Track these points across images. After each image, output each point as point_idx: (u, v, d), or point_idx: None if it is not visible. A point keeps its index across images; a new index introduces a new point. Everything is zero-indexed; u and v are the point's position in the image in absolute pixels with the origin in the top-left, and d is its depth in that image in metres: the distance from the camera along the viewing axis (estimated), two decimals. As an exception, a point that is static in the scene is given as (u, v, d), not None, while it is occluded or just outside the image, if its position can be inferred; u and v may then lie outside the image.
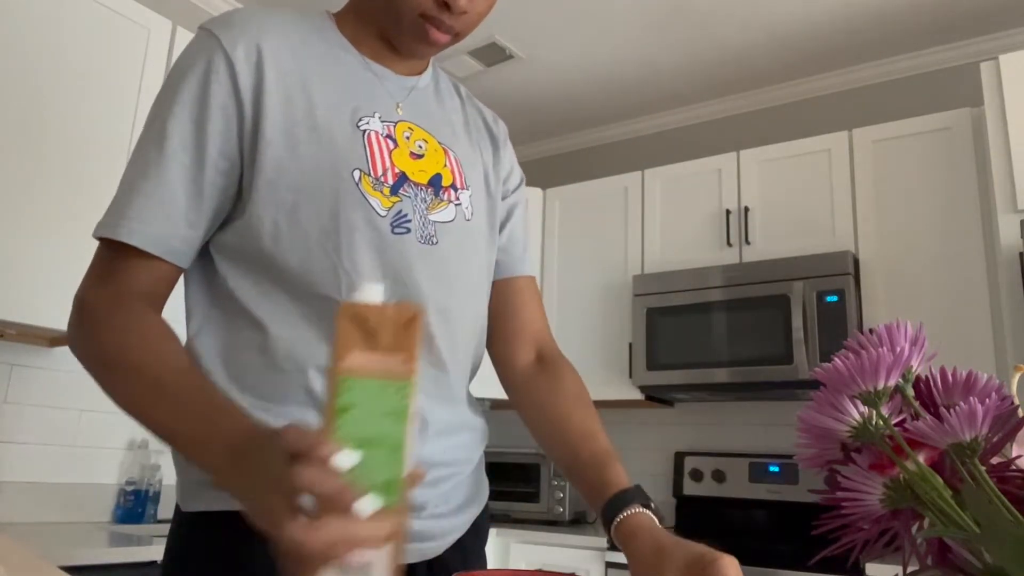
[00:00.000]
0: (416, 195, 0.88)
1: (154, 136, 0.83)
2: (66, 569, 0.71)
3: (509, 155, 1.10)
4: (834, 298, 2.56)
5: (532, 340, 1.05)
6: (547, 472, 3.07)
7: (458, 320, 0.92)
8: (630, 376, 2.98)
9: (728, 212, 2.93)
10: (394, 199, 0.86)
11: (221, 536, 0.81)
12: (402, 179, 0.88)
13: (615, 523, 0.83)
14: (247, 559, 0.79)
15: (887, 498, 0.46)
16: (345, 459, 0.52)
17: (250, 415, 0.71)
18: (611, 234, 3.23)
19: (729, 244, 2.90)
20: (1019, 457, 0.46)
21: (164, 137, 0.82)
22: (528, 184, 4.07)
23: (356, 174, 0.84)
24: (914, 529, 0.47)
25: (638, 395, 3.00)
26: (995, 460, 0.45)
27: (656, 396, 3.06)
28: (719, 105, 3.49)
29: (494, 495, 1.08)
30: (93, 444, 2.37)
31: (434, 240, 0.89)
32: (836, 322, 2.53)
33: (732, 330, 2.73)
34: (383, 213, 0.85)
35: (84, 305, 0.81)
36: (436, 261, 0.89)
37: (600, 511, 0.86)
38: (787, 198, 2.84)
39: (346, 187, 0.84)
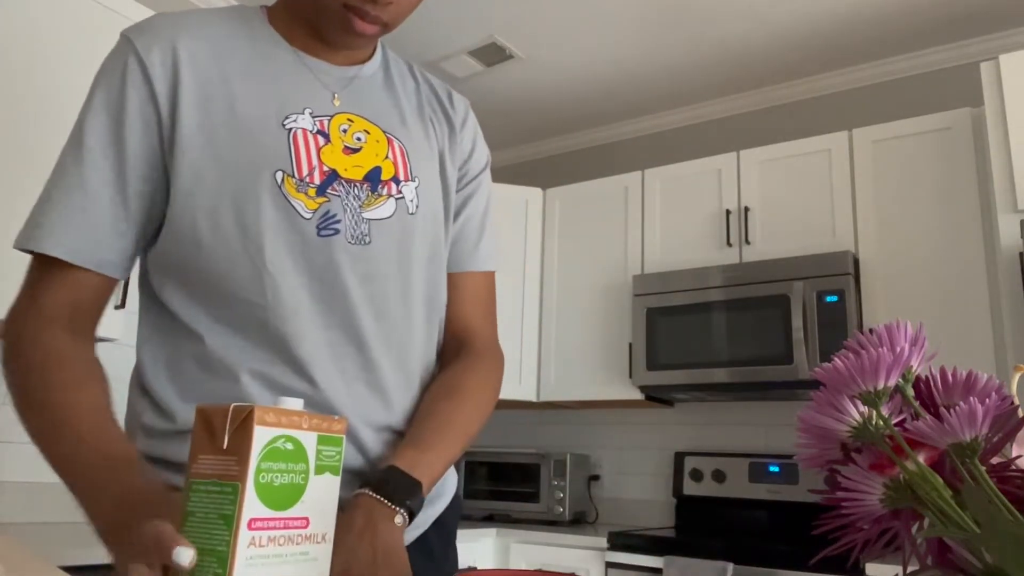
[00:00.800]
0: (348, 193, 0.85)
1: (72, 145, 0.82)
2: (66, 569, 0.71)
3: (470, 135, 1.03)
4: (834, 298, 2.56)
5: (454, 337, 0.99)
6: (547, 472, 3.07)
7: (399, 318, 0.89)
8: (630, 376, 2.98)
9: (728, 212, 2.93)
10: (321, 199, 0.83)
11: None
12: (331, 177, 0.85)
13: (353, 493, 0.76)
14: None
15: (887, 498, 0.46)
16: (183, 557, 0.52)
17: (143, 470, 0.71)
18: (611, 234, 3.23)
19: (729, 244, 2.90)
20: (1019, 457, 0.46)
21: (82, 145, 0.81)
22: (528, 184, 4.07)
23: (279, 176, 0.82)
24: (914, 529, 0.47)
25: (638, 395, 3.00)
26: (995, 460, 0.45)
27: (656, 396, 3.06)
28: (719, 105, 3.49)
29: (494, 495, 1.07)
30: (93, 444, 2.36)
31: (367, 239, 0.86)
32: (836, 322, 2.53)
33: (732, 330, 2.73)
34: (307, 215, 0.83)
35: (9, 326, 0.80)
36: (368, 261, 0.86)
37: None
38: (787, 198, 2.84)
39: (268, 190, 0.82)
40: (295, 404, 0.57)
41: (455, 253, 1.01)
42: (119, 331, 1.99)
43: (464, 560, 2.71)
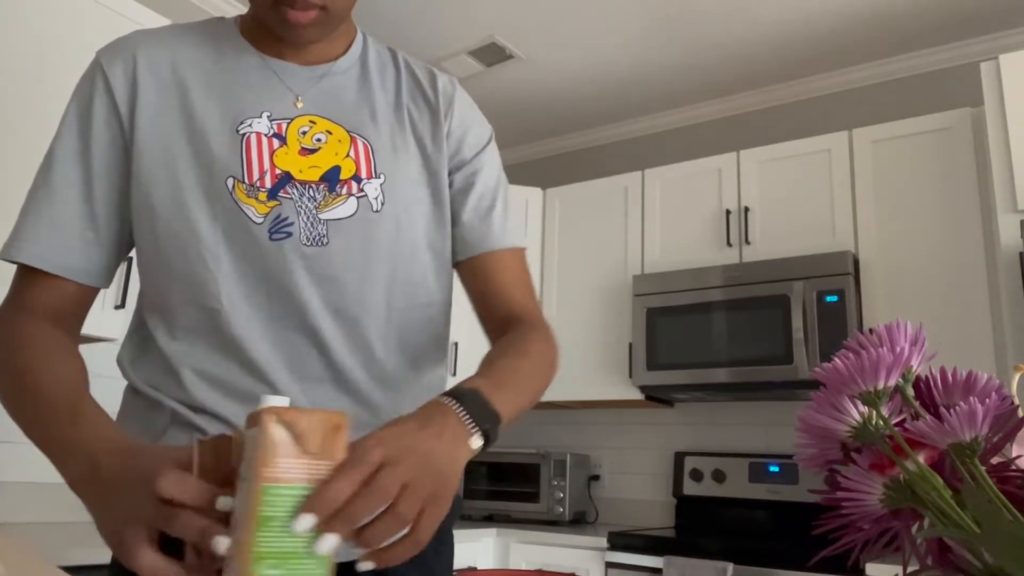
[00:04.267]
0: (302, 195, 0.85)
1: (46, 158, 0.86)
2: (66, 569, 0.71)
3: (459, 117, 0.98)
4: (834, 298, 2.56)
5: (500, 326, 0.95)
6: (547, 472, 3.07)
7: (364, 318, 0.87)
8: (630, 376, 2.98)
9: (728, 212, 2.93)
10: (272, 203, 0.83)
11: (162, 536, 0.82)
12: (284, 180, 0.85)
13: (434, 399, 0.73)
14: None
15: (887, 498, 0.46)
16: (221, 545, 0.52)
17: (119, 430, 0.70)
18: (611, 234, 3.23)
19: (729, 244, 2.90)
20: (1019, 457, 0.46)
21: (52, 159, 0.85)
22: (528, 184, 4.07)
23: (230, 182, 0.83)
24: (914, 529, 0.47)
25: (638, 395, 3.00)
26: (995, 460, 0.45)
27: (656, 396, 3.06)
28: (719, 105, 3.49)
29: (494, 495, 1.07)
30: (93, 444, 2.37)
31: (324, 240, 0.85)
32: (836, 322, 2.53)
33: (732, 330, 2.73)
34: (259, 220, 0.83)
35: None
36: (325, 262, 0.85)
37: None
38: (787, 198, 2.84)
39: (220, 197, 0.83)
40: (281, 402, 0.55)
41: (472, 235, 0.96)
42: (118, 331, 1.99)
43: (464, 560, 2.71)
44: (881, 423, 0.46)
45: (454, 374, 2.90)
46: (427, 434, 0.63)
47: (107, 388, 0.95)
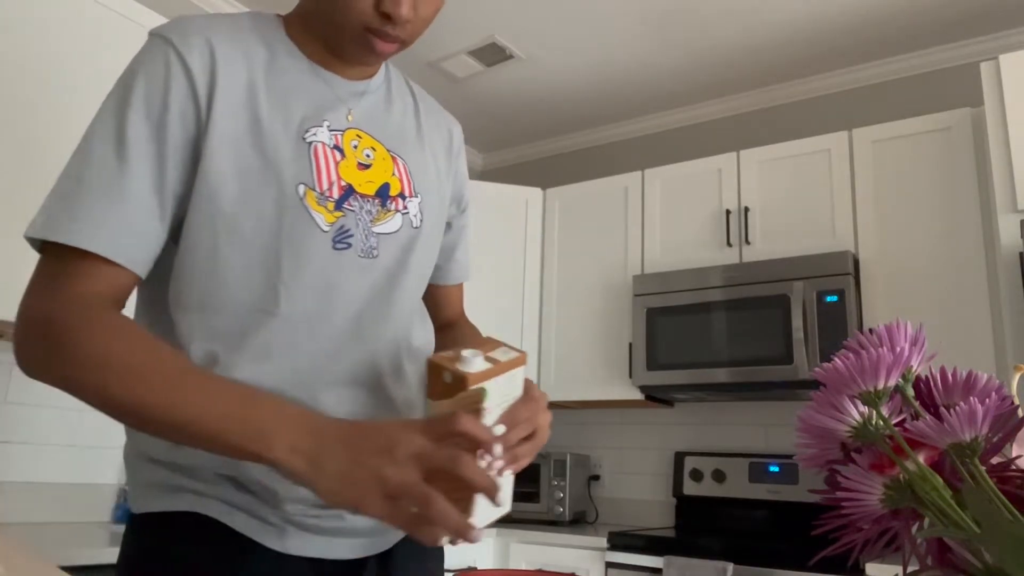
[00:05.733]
0: (361, 208, 0.88)
1: (111, 139, 0.79)
2: (66, 569, 0.71)
3: (461, 167, 1.09)
4: (834, 298, 2.56)
5: (445, 321, 1.13)
6: (547, 472, 3.07)
7: (395, 328, 0.92)
8: (630, 376, 2.98)
9: (728, 212, 2.93)
10: (337, 214, 0.86)
11: (171, 536, 0.82)
12: (348, 192, 0.87)
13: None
14: (197, 559, 0.80)
15: (887, 498, 0.46)
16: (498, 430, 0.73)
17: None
18: (611, 234, 3.23)
19: (729, 244, 2.90)
20: (1019, 457, 0.46)
21: (124, 143, 0.79)
22: (528, 184, 4.07)
23: (301, 189, 0.83)
24: (914, 529, 0.47)
25: (638, 395, 3.00)
26: (995, 460, 0.45)
27: (656, 396, 3.05)
28: (719, 105, 3.49)
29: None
30: (93, 444, 2.37)
31: (375, 253, 0.89)
32: (836, 322, 2.53)
33: (732, 330, 2.73)
34: (326, 229, 0.84)
35: (44, 318, 0.74)
36: (374, 274, 0.89)
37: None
38: (787, 198, 2.84)
39: (290, 202, 0.83)
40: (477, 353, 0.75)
41: (453, 269, 1.12)
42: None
43: (464, 560, 2.71)
44: (881, 423, 0.47)
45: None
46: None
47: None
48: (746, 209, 2.90)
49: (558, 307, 3.29)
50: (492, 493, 0.67)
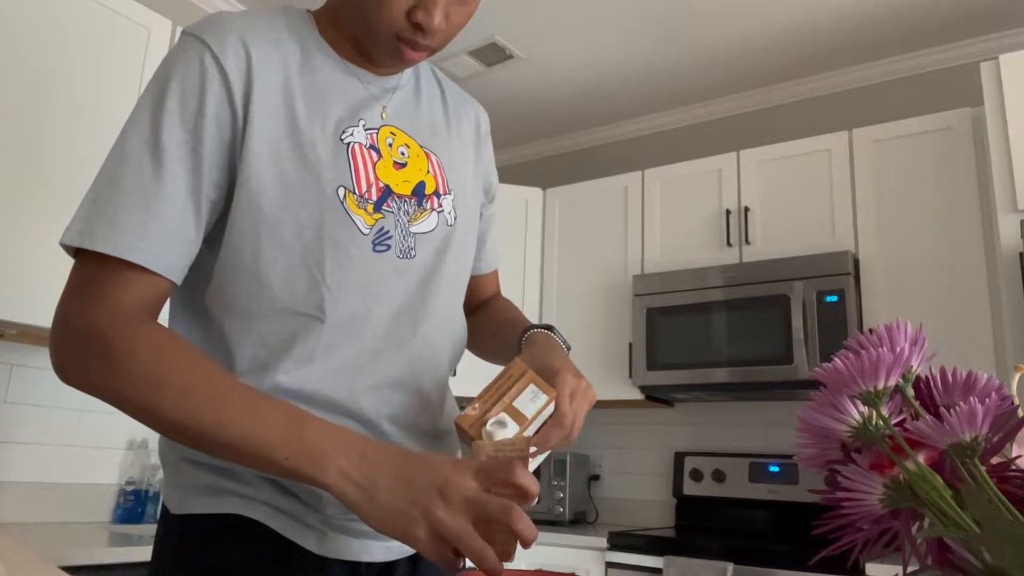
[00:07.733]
0: (399, 208, 0.88)
1: (146, 144, 0.78)
2: (66, 569, 0.71)
3: (488, 155, 1.08)
4: (834, 298, 2.56)
5: (479, 304, 1.15)
6: (547, 472, 3.07)
7: (434, 327, 0.91)
8: (630, 376, 2.98)
9: (728, 212, 2.93)
10: (377, 216, 0.85)
11: (214, 538, 0.82)
12: (386, 193, 0.87)
13: (523, 336, 0.95)
14: (240, 561, 0.80)
15: (887, 498, 0.46)
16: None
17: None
18: (611, 234, 3.23)
19: (729, 244, 2.90)
20: (1019, 457, 0.46)
21: (160, 148, 0.77)
22: (528, 184, 4.07)
23: (340, 191, 0.83)
24: (914, 529, 0.47)
25: (638, 395, 3.00)
26: (995, 460, 0.45)
27: (656, 396, 3.06)
28: (719, 105, 3.49)
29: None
30: (93, 444, 2.37)
31: (412, 253, 0.88)
32: (836, 322, 2.53)
33: (732, 330, 2.73)
34: (366, 231, 0.84)
35: (87, 329, 0.73)
36: (411, 274, 0.88)
37: (515, 339, 0.96)
38: (787, 198, 2.84)
39: (330, 205, 0.82)
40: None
41: (486, 257, 1.12)
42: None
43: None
44: (881, 423, 0.46)
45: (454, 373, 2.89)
46: (573, 369, 0.87)
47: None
48: (746, 209, 2.90)
49: (558, 307, 3.29)
50: (533, 542, 0.67)
